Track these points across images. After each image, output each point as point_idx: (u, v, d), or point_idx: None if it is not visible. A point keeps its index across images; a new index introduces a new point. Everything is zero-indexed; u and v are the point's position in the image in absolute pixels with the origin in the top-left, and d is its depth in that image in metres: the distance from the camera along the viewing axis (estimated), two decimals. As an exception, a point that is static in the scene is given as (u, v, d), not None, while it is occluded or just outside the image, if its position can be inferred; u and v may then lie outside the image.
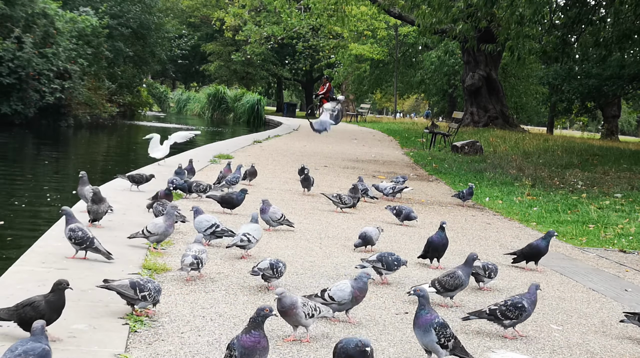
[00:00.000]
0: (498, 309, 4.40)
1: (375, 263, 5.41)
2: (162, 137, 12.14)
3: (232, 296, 4.81)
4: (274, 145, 18.50)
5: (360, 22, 39.45)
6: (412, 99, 73.02)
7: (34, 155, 18.25)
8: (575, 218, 9.52)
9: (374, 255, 5.50)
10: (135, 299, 4.15)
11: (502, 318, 4.39)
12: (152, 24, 37.57)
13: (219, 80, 55.55)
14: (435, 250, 6.12)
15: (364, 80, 46.40)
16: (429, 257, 6.18)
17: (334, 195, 8.71)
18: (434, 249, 6.11)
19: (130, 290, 4.15)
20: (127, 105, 36.18)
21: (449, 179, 13.44)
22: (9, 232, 8.46)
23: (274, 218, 7.03)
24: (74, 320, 3.99)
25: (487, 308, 4.44)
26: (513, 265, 6.57)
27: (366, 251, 6.48)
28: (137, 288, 4.15)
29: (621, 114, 45.74)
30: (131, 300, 4.17)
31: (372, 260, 5.44)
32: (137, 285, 4.16)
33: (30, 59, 23.62)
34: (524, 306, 4.40)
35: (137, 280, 4.23)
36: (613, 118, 39.34)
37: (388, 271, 5.44)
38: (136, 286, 4.16)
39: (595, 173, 15.00)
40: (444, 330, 3.76)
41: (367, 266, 5.40)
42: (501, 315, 4.38)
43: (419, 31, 19.77)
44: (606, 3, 18.04)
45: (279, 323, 4.19)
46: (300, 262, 5.96)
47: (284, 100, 64.93)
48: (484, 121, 27.82)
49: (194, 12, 59.31)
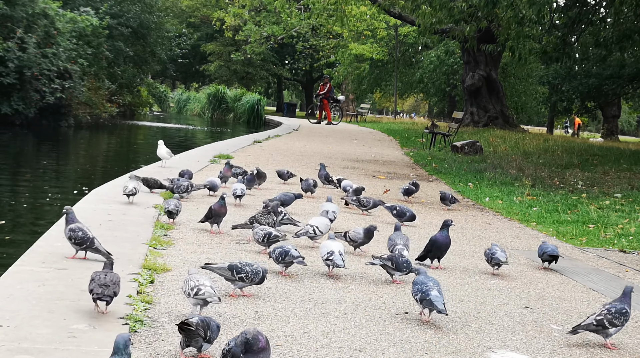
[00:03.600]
0: (604, 318, 4.34)
1: (385, 262, 5.42)
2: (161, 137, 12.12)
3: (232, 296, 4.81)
4: (274, 145, 18.50)
5: (360, 22, 39.47)
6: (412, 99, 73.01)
7: (34, 155, 18.25)
8: (575, 218, 9.52)
9: (386, 255, 5.51)
10: (233, 280, 4.64)
11: (609, 327, 4.35)
12: (152, 24, 37.58)
13: (219, 80, 55.56)
14: (438, 250, 6.09)
15: (363, 80, 46.43)
16: (430, 257, 6.16)
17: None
18: (438, 248, 6.08)
19: (227, 272, 4.64)
20: (127, 105, 36.21)
21: (449, 179, 13.44)
22: (9, 232, 8.46)
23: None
24: (74, 320, 3.99)
25: (594, 320, 4.36)
26: (513, 265, 6.56)
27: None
28: (234, 270, 4.63)
29: (621, 114, 45.76)
30: (231, 281, 4.67)
31: (383, 258, 5.44)
32: (234, 267, 4.64)
33: (34, 59, 23.65)
34: (627, 312, 4.39)
35: (235, 263, 4.69)
36: (613, 118, 39.38)
37: (398, 272, 5.43)
38: (234, 268, 4.63)
39: (595, 173, 15.01)
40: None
41: (377, 263, 5.43)
42: (609, 324, 4.33)
43: (420, 31, 19.76)
44: (606, 3, 18.04)
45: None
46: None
47: (284, 100, 64.96)
48: (484, 121, 27.83)
49: (194, 12, 59.32)
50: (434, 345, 4.18)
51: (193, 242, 6.31)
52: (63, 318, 4.01)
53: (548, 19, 17.10)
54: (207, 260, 5.68)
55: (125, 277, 4.90)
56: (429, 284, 4.51)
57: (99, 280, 4.10)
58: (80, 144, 23.67)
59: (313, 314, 4.55)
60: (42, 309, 4.13)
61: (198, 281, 4.13)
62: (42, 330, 3.81)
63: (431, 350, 4.09)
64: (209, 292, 4.09)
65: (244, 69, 54.86)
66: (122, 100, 34.86)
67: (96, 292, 4.05)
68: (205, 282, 4.14)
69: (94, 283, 4.09)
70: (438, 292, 4.48)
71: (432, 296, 4.43)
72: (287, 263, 5.36)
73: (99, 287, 4.05)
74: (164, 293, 4.71)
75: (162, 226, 6.76)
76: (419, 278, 4.62)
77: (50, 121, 25.54)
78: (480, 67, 27.81)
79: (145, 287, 4.78)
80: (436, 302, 4.40)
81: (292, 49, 51.89)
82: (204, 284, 4.11)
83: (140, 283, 4.80)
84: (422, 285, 4.52)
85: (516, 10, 14.81)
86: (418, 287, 4.53)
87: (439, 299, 4.43)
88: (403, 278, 5.62)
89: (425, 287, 4.48)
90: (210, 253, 5.95)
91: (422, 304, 4.50)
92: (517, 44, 15.76)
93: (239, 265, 4.67)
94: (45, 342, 3.66)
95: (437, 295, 4.46)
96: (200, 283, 4.11)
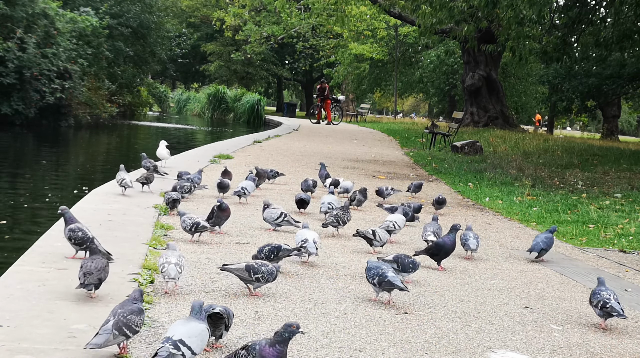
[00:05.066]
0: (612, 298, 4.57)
1: (391, 263, 5.38)
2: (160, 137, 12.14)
3: (232, 296, 4.81)
4: (274, 145, 18.50)
5: (360, 22, 39.47)
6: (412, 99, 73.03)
7: (34, 155, 18.25)
8: (575, 218, 9.52)
9: (391, 256, 5.49)
10: (250, 281, 4.72)
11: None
12: (152, 24, 37.57)
13: (219, 80, 55.55)
14: (445, 254, 6.11)
15: (363, 80, 46.43)
16: (437, 259, 6.13)
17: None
18: (445, 253, 6.10)
19: (245, 273, 4.70)
20: (127, 106, 36.20)
21: (449, 179, 13.44)
22: (9, 232, 8.46)
23: (270, 218, 7.03)
24: (74, 320, 3.99)
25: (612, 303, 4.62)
26: (513, 265, 6.57)
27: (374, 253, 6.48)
28: (251, 271, 4.69)
29: (621, 114, 45.76)
30: (247, 282, 4.75)
31: (388, 259, 5.42)
32: (251, 268, 4.70)
33: (34, 59, 23.65)
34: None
35: (252, 263, 4.74)
36: (613, 118, 39.37)
37: (403, 273, 5.39)
38: (251, 269, 4.69)
39: (595, 173, 15.01)
40: None
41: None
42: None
43: (420, 31, 19.76)
44: (606, 3, 18.05)
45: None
46: (300, 262, 5.96)
47: (284, 100, 64.97)
48: (484, 121, 27.83)
49: (194, 12, 59.30)
50: (434, 345, 4.18)
51: (193, 242, 6.31)
52: (63, 318, 4.01)
53: (548, 19, 17.11)
54: (207, 260, 5.68)
55: (125, 277, 4.91)
56: (383, 267, 4.77)
57: (85, 268, 4.34)
58: (80, 144, 23.67)
59: (313, 314, 4.55)
60: (42, 309, 4.13)
61: (166, 258, 4.62)
62: (42, 330, 3.81)
63: (431, 350, 4.09)
64: (173, 270, 4.57)
65: (244, 69, 54.86)
66: (122, 100, 34.85)
67: (81, 282, 4.33)
68: (171, 260, 4.59)
69: (80, 272, 4.37)
70: (394, 272, 4.76)
71: (389, 277, 4.69)
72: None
73: (84, 276, 4.32)
74: (163, 293, 4.71)
75: (162, 226, 6.76)
76: (371, 264, 4.87)
77: (50, 121, 25.54)
78: (480, 67, 27.81)
79: (145, 287, 4.78)
80: (395, 281, 4.66)
81: (292, 49, 51.88)
82: (169, 262, 4.59)
83: (140, 283, 4.80)
84: (377, 270, 4.77)
85: (516, 10, 14.81)
86: (373, 271, 4.77)
87: (396, 279, 4.68)
88: (407, 278, 5.62)
89: (381, 270, 4.75)
90: (210, 253, 5.95)
91: (380, 287, 4.75)
92: (517, 44, 15.77)
93: (256, 266, 4.73)
94: (45, 342, 3.66)
95: (394, 275, 4.72)
96: (167, 261, 4.60)
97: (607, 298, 4.76)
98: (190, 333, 3.32)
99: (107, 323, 3.51)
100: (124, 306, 3.61)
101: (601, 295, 4.79)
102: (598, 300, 4.79)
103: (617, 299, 4.79)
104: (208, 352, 3.75)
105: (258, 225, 7.38)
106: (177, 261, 4.61)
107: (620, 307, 4.75)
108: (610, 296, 4.78)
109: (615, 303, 4.75)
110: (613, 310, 4.72)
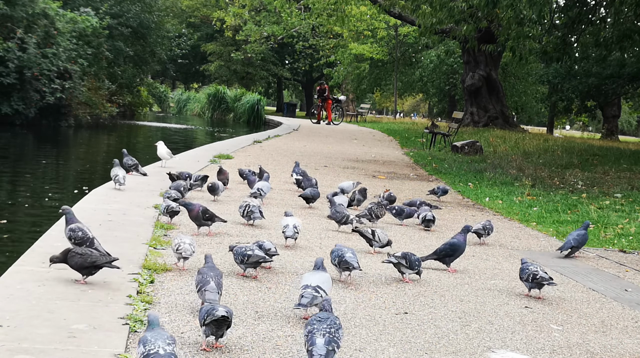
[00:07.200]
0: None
1: (399, 260, 5.49)
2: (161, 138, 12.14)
3: (232, 296, 4.81)
4: (274, 145, 18.50)
5: (360, 22, 39.47)
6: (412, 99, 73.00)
7: (34, 155, 18.25)
8: (575, 218, 9.51)
9: (399, 252, 5.58)
10: (370, 240, 5.94)
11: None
12: (152, 23, 37.57)
13: (219, 80, 55.54)
14: (460, 254, 6.14)
15: (363, 80, 46.42)
16: (447, 261, 6.11)
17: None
18: (460, 253, 6.14)
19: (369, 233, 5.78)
20: (127, 106, 36.19)
21: (449, 179, 13.43)
22: (9, 232, 8.46)
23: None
24: (74, 320, 3.99)
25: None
26: (513, 265, 6.56)
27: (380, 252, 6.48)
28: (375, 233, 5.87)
29: (621, 114, 45.74)
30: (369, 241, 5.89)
31: (397, 256, 5.53)
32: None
33: (34, 60, 23.65)
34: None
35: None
36: (613, 118, 39.33)
37: (410, 270, 5.48)
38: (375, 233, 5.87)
39: (595, 173, 15.00)
40: None
41: (393, 261, 5.50)
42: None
43: (420, 31, 19.76)
44: (606, 3, 18.04)
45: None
46: (300, 262, 5.96)
47: (284, 100, 64.95)
48: (484, 121, 27.83)
49: (194, 12, 59.29)
50: (434, 345, 4.18)
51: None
52: (63, 318, 4.01)
53: (548, 19, 17.10)
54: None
55: (126, 277, 4.91)
56: (344, 250, 5.27)
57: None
58: (80, 144, 23.67)
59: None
60: (42, 309, 4.13)
61: (180, 239, 5.25)
62: (42, 330, 3.81)
63: (431, 350, 4.09)
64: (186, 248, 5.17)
65: (244, 69, 54.84)
66: (122, 100, 34.84)
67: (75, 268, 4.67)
68: (185, 239, 5.23)
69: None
70: (352, 254, 5.23)
71: (347, 257, 5.18)
72: (251, 265, 5.26)
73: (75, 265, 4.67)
74: (164, 293, 4.71)
75: (162, 226, 6.76)
76: (335, 248, 5.34)
77: (50, 121, 25.54)
78: (480, 67, 27.81)
79: (145, 287, 4.78)
80: (351, 261, 5.17)
81: (292, 49, 51.86)
82: (183, 241, 5.20)
83: (140, 283, 4.80)
84: (338, 252, 5.28)
85: (516, 10, 14.80)
86: (335, 253, 5.29)
87: (353, 259, 5.19)
88: (413, 277, 5.63)
89: (341, 252, 5.25)
90: (212, 252, 5.92)
91: (339, 266, 5.25)
92: (517, 44, 15.75)
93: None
94: (45, 342, 3.66)
95: (352, 255, 5.22)
96: (182, 240, 5.22)
97: (535, 270, 5.33)
98: (322, 280, 4.36)
99: (208, 284, 4.25)
100: (213, 270, 4.38)
101: (529, 269, 5.37)
102: (527, 273, 5.35)
103: (544, 270, 5.37)
104: (208, 352, 3.75)
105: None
106: (190, 241, 5.24)
107: (548, 276, 5.32)
108: (537, 268, 5.36)
109: (544, 273, 5.31)
110: (543, 279, 5.28)
